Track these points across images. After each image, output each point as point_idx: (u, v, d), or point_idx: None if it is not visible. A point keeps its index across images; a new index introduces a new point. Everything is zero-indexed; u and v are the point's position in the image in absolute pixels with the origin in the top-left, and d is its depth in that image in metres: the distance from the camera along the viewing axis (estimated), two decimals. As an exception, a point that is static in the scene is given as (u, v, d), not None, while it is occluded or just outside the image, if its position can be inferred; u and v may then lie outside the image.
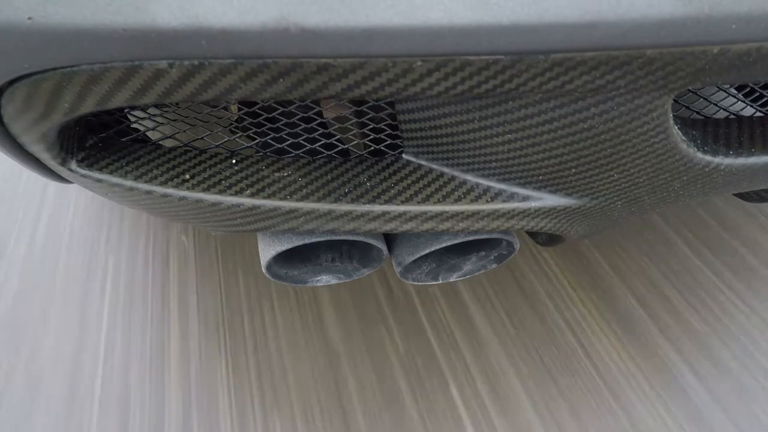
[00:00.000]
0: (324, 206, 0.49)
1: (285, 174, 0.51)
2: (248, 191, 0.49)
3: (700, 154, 0.47)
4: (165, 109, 0.57)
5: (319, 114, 0.57)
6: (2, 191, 1.14)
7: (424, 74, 0.38)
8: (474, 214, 0.51)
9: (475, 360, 0.83)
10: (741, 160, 0.49)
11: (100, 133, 0.52)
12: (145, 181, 0.49)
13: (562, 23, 0.35)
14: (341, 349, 0.84)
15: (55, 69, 0.37)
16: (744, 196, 0.76)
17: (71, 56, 0.36)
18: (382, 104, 0.52)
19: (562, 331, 0.87)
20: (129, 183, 0.49)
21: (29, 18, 0.34)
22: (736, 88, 0.70)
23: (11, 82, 0.39)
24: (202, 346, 0.85)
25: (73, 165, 0.49)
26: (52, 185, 1.14)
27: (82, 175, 0.49)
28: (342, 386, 0.80)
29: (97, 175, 0.49)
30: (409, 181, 0.51)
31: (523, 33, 0.35)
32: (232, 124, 0.60)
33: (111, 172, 0.49)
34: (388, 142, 0.54)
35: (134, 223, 1.05)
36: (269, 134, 0.56)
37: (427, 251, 0.59)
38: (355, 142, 0.57)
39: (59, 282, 0.95)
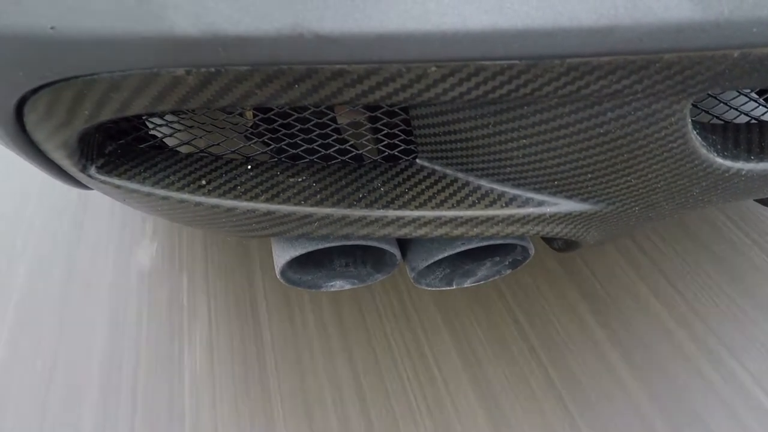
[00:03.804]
0: (338, 211, 0.50)
1: (299, 179, 0.51)
2: (263, 197, 0.50)
3: (719, 160, 0.46)
4: (182, 116, 0.58)
5: (334, 120, 0.58)
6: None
7: (438, 80, 0.38)
8: (488, 219, 0.51)
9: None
10: (762, 166, 0.48)
11: (118, 140, 0.53)
12: (162, 187, 0.50)
13: (577, 27, 0.35)
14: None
15: (76, 77, 0.38)
16: (766, 202, 0.75)
17: (92, 64, 0.36)
18: (396, 109, 0.52)
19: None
20: (147, 189, 0.50)
21: (52, 27, 0.35)
22: (757, 93, 0.68)
23: (34, 91, 0.40)
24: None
25: (93, 171, 0.50)
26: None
27: (102, 182, 0.50)
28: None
29: (115, 181, 0.50)
30: (423, 187, 0.51)
31: (538, 37, 0.35)
32: (247, 130, 0.60)
33: (129, 179, 0.50)
34: (402, 147, 0.54)
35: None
36: (284, 140, 0.56)
37: (441, 257, 0.59)
38: (369, 147, 0.57)
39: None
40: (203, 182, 0.50)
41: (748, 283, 0.94)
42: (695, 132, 0.44)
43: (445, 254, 0.58)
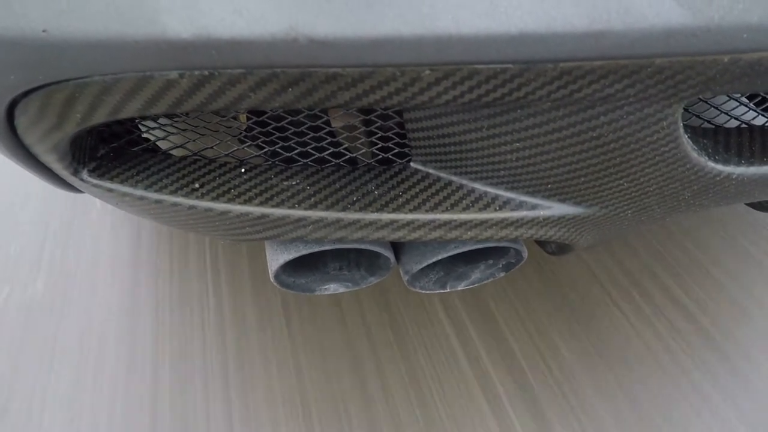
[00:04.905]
0: (332, 215, 0.50)
1: (293, 183, 0.51)
2: (257, 200, 0.50)
3: (711, 164, 0.47)
4: (175, 119, 0.58)
5: (328, 123, 0.58)
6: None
7: (432, 83, 0.38)
8: (482, 222, 0.51)
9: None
10: (753, 170, 0.48)
11: (111, 143, 0.52)
12: (155, 191, 0.50)
13: (570, 32, 0.35)
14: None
15: (68, 80, 0.37)
16: (757, 206, 0.75)
17: (84, 68, 0.36)
18: (390, 113, 0.52)
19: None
20: (139, 192, 0.49)
21: (44, 30, 0.35)
22: (747, 97, 0.69)
23: (25, 94, 0.39)
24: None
25: (85, 175, 0.50)
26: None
27: (94, 185, 0.50)
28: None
29: (107, 184, 0.50)
30: (417, 190, 0.51)
31: (531, 42, 0.35)
32: (241, 133, 0.60)
33: (121, 182, 0.50)
34: (396, 150, 0.54)
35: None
36: (278, 143, 0.56)
37: (434, 260, 0.59)
38: (363, 150, 0.57)
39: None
40: (196, 185, 0.50)
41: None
42: (687, 136, 0.45)
43: (439, 257, 0.58)
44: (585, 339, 0.87)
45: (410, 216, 0.50)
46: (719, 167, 0.47)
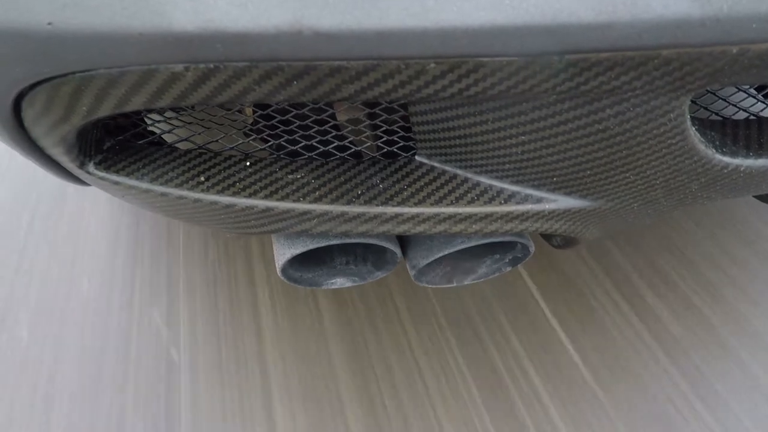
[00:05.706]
0: (337, 208, 0.50)
1: (298, 176, 0.51)
2: (262, 193, 0.50)
3: (718, 156, 0.46)
4: (181, 112, 0.58)
5: (333, 116, 0.58)
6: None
7: (437, 76, 0.38)
8: (488, 216, 0.51)
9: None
10: (761, 162, 0.48)
11: (117, 136, 0.53)
12: (161, 184, 0.50)
13: (576, 24, 0.35)
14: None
15: (74, 73, 0.38)
16: (765, 198, 0.75)
17: (89, 60, 0.36)
18: (395, 106, 0.52)
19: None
20: (145, 185, 0.50)
21: (49, 23, 0.35)
22: (756, 89, 0.68)
23: (32, 87, 0.39)
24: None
25: (91, 167, 0.50)
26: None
27: (100, 178, 0.50)
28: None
29: (114, 177, 0.50)
30: (422, 183, 0.51)
31: (537, 34, 0.35)
32: (246, 126, 0.60)
33: (127, 175, 0.50)
34: (401, 143, 0.54)
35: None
36: (283, 136, 0.56)
37: (441, 254, 0.59)
38: (368, 144, 0.57)
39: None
40: (202, 179, 0.50)
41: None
42: (694, 128, 0.44)
43: (446, 252, 0.58)
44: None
45: (415, 209, 0.50)
46: (727, 159, 0.47)
